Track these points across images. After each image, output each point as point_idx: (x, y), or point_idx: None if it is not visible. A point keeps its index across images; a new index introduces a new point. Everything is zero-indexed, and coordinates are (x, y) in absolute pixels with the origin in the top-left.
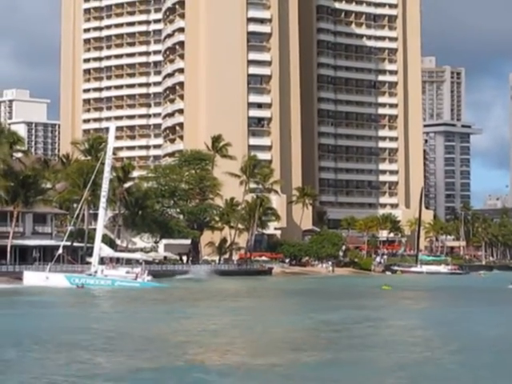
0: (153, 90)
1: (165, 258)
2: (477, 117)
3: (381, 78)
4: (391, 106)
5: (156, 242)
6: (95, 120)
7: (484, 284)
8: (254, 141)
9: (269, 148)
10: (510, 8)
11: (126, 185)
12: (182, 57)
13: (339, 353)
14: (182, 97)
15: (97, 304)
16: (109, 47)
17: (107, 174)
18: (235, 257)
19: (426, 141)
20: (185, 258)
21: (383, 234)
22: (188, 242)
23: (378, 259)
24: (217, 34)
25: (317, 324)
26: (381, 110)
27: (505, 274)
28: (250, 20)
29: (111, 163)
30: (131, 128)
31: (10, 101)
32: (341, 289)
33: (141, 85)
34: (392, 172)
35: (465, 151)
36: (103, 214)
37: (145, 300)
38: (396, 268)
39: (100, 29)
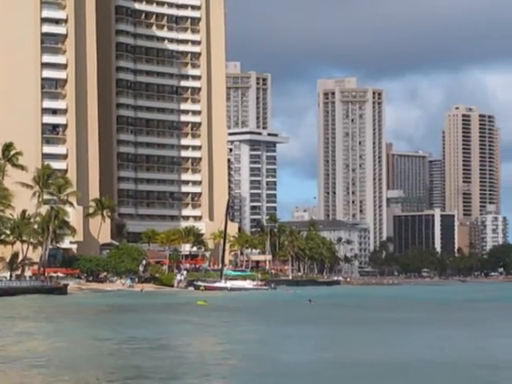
0: None
1: None
2: (287, 124)
3: (183, 83)
4: (194, 113)
5: None
6: None
7: (287, 300)
8: (48, 149)
9: (64, 157)
10: (319, 9)
11: None
12: None
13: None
14: None
15: None
16: None
17: None
18: (28, 273)
19: (231, 150)
20: None
21: (186, 248)
22: None
23: (178, 276)
24: (8, 34)
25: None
26: (183, 118)
27: (310, 290)
28: (45, 20)
29: None
30: None
31: None
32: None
33: None
34: (195, 182)
35: (271, 161)
36: None
37: None
38: (199, 283)
39: None
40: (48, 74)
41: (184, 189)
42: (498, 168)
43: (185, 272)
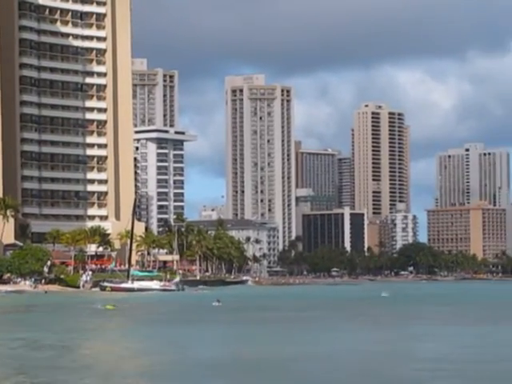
0: None
1: None
2: (195, 122)
3: (88, 80)
4: (100, 110)
5: None
6: None
7: (195, 301)
8: None
9: None
10: (228, 6)
11: None
12: None
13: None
14: None
15: None
16: None
17: None
18: None
19: (137, 148)
20: None
21: (92, 248)
22: None
23: (84, 277)
24: None
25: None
26: (88, 115)
27: (218, 290)
28: None
29: None
30: None
31: None
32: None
33: None
34: (101, 181)
35: (178, 159)
36: None
37: None
38: (106, 284)
39: None
40: None
41: (89, 188)
42: (407, 166)
43: (90, 273)
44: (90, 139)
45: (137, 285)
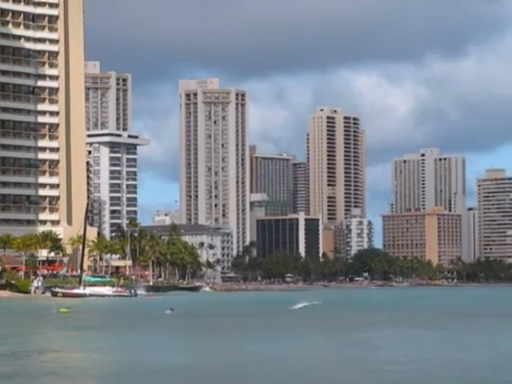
0: None
1: None
2: (150, 126)
3: (40, 83)
4: (52, 114)
5: None
6: None
7: (147, 307)
8: None
9: None
10: (183, 8)
11: None
12: None
13: None
14: None
15: None
16: None
17: None
18: None
19: (90, 152)
20: None
21: (43, 254)
22: None
23: (35, 283)
24: None
25: None
26: (41, 119)
27: (171, 296)
28: None
29: None
30: None
31: None
32: None
33: None
34: (53, 186)
35: (131, 163)
36: None
37: None
38: (57, 290)
39: None
40: None
41: (41, 192)
42: (363, 171)
43: (41, 278)
44: (41, 143)
45: (89, 290)
